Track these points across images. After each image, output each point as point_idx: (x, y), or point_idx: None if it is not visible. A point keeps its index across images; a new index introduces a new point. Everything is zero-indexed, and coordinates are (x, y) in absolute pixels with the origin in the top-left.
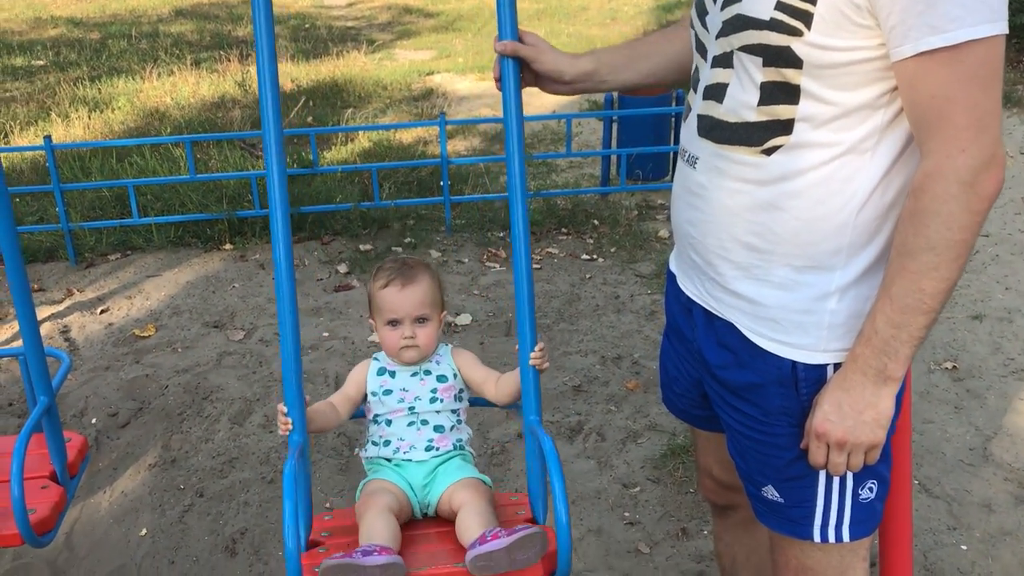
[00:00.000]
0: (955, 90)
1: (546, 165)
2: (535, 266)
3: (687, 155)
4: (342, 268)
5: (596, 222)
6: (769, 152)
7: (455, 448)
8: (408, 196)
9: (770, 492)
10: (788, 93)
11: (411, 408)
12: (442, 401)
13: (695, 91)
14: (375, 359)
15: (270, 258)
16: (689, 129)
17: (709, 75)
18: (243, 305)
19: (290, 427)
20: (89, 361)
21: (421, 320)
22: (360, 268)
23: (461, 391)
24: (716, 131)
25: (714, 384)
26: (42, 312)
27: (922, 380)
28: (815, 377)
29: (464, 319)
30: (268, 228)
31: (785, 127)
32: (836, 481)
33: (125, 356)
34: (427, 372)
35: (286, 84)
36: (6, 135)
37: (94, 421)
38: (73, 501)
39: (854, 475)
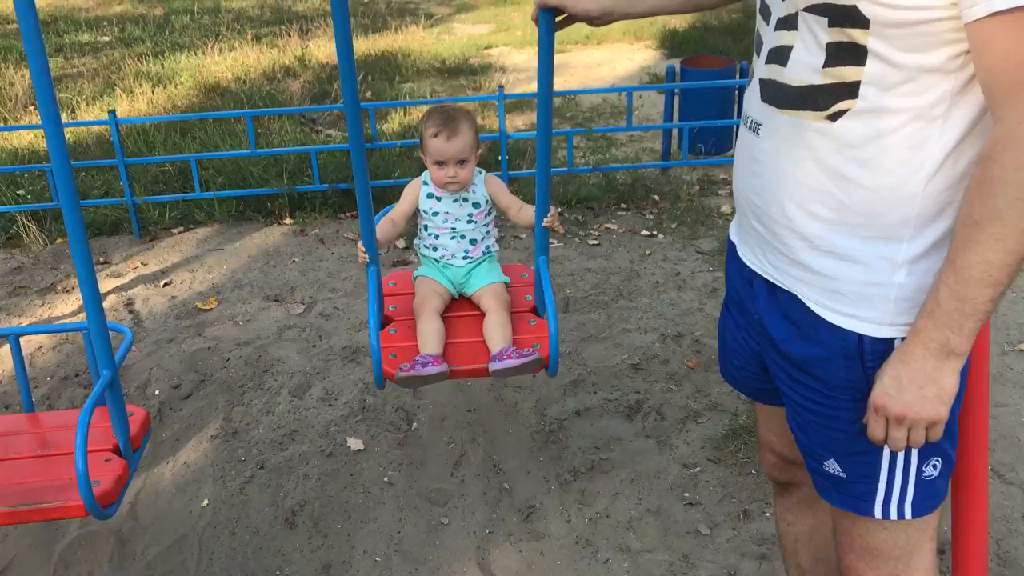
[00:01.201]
0: None
1: (606, 139)
2: (593, 242)
3: (750, 121)
4: (400, 243)
5: (656, 197)
6: (835, 117)
7: (484, 254)
8: None
9: (832, 467)
10: (854, 54)
11: (453, 227)
12: (476, 222)
13: (758, 55)
14: (424, 182)
15: (329, 232)
16: (752, 95)
17: (773, 38)
18: (303, 279)
19: (368, 259)
20: (152, 334)
21: (462, 162)
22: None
23: (491, 211)
24: (780, 95)
25: (776, 357)
26: (107, 285)
27: (995, 362)
28: (881, 351)
29: None
30: (327, 203)
31: (851, 90)
32: (900, 457)
33: (188, 329)
34: (465, 199)
35: None
36: (73, 110)
37: (157, 393)
38: (137, 471)
39: (918, 451)
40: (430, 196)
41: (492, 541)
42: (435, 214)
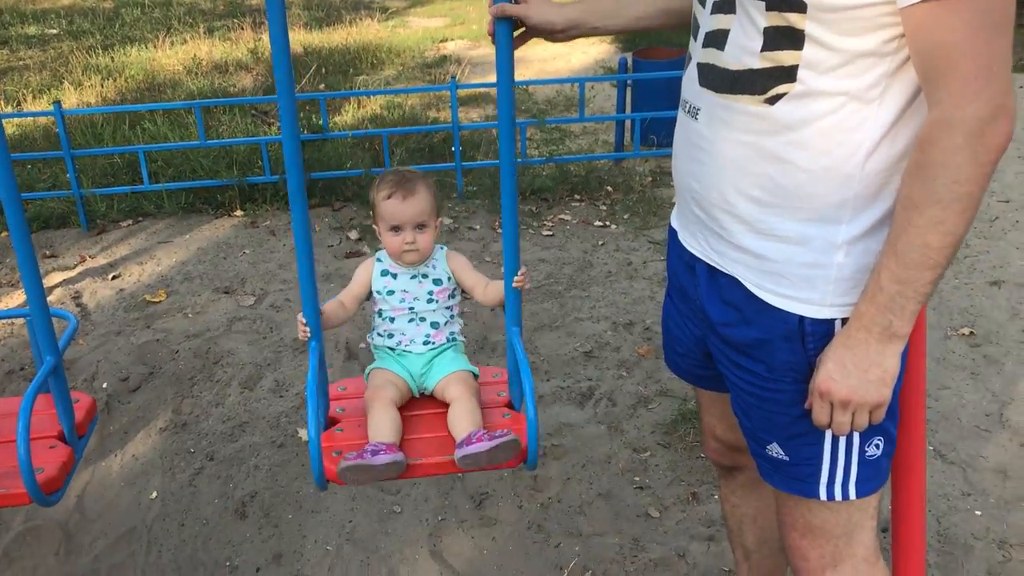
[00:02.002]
0: (963, 37)
1: (559, 131)
2: (547, 233)
3: (688, 106)
4: (353, 235)
5: (610, 188)
6: (773, 101)
7: (448, 340)
8: (419, 162)
9: (775, 450)
10: (792, 38)
11: (411, 308)
12: (437, 301)
13: (695, 39)
14: (378, 259)
15: (280, 224)
16: (690, 79)
17: (710, 22)
18: (253, 271)
19: (309, 334)
20: (100, 326)
21: (420, 227)
22: (371, 235)
23: (454, 290)
24: (718, 80)
25: (717, 342)
26: (54, 278)
27: (939, 346)
28: (822, 332)
29: None
30: (278, 195)
31: (789, 74)
32: (842, 438)
33: (136, 321)
34: (424, 275)
35: (298, 51)
36: (19, 103)
37: (105, 385)
38: (84, 464)
39: (860, 432)
40: (384, 273)
41: (444, 528)
42: (390, 293)
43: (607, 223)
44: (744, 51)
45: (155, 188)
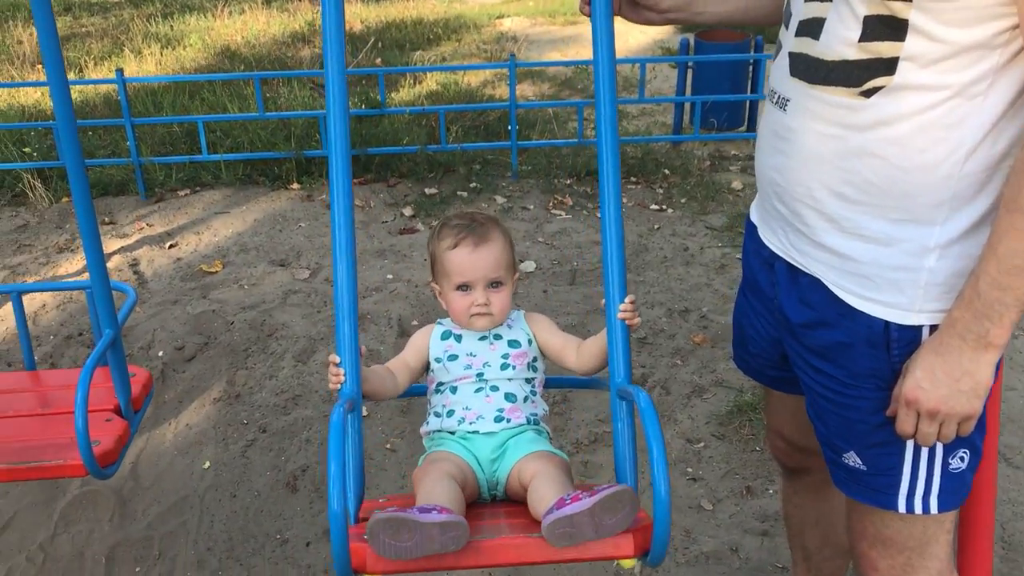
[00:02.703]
0: None
1: (618, 112)
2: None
3: (776, 96)
4: (407, 211)
5: (667, 171)
6: (868, 94)
7: (528, 423)
8: (475, 140)
9: (852, 459)
10: (894, 28)
11: (479, 374)
12: (514, 368)
13: (787, 27)
14: (439, 323)
15: None
16: (780, 69)
17: (804, 9)
18: (309, 245)
19: (342, 379)
20: (157, 295)
21: (495, 284)
22: (425, 212)
23: (535, 359)
24: (810, 70)
25: (795, 344)
26: (112, 245)
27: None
28: (909, 338)
29: (528, 266)
30: None
31: (888, 66)
32: (925, 450)
33: (192, 291)
34: (497, 336)
35: (355, 25)
36: (80, 69)
37: (161, 354)
38: (139, 433)
39: (945, 444)
40: (446, 336)
41: None
42: (452, 358)
43: (663, 207)
44: (840, 41)
45: (213, 158)
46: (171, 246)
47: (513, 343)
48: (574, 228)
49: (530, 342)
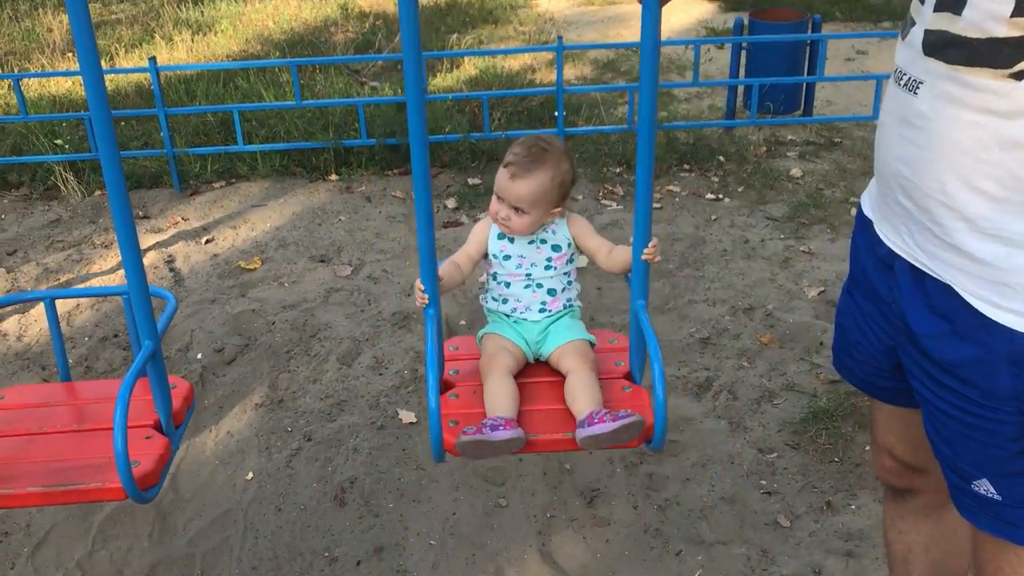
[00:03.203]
0: None
1: (667, 95)
2: (655, 205)
3: (906, 78)
4: (450, 203)
5: (721, 158)
6: (1020, 76)
7: (565, 307)
8: (518, 127)
9: (984, 487)
10: None
11: (528, 274)
12: (555, 268)
13: (922, 2)
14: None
15: (376, 190)
16: (911, 47)
17: None
18: (350, 239)
19: (427, 301)
20: (194, 293)
21: (518, 210)
22: (469, 203)
23: (572, 255)
24: (951, 49)
25: (916, 355)
26: (146, 240)
27: None
28: None
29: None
30: (374, 159)
31: None
32: None
33: (231, 289)
34: (543, 241)
35: (388, 6)
36: (111, 57)
37: (199, 356)
38: (182, 437)
39: None
40: (501, 236)
41: (554, 526)
42: (507, 258)
43: (719, 196)
44: (988, 16)
45: (249, 149)
46: (207, 241)
47: (556, 247)
48: (626, 220)
49: (570, 244)
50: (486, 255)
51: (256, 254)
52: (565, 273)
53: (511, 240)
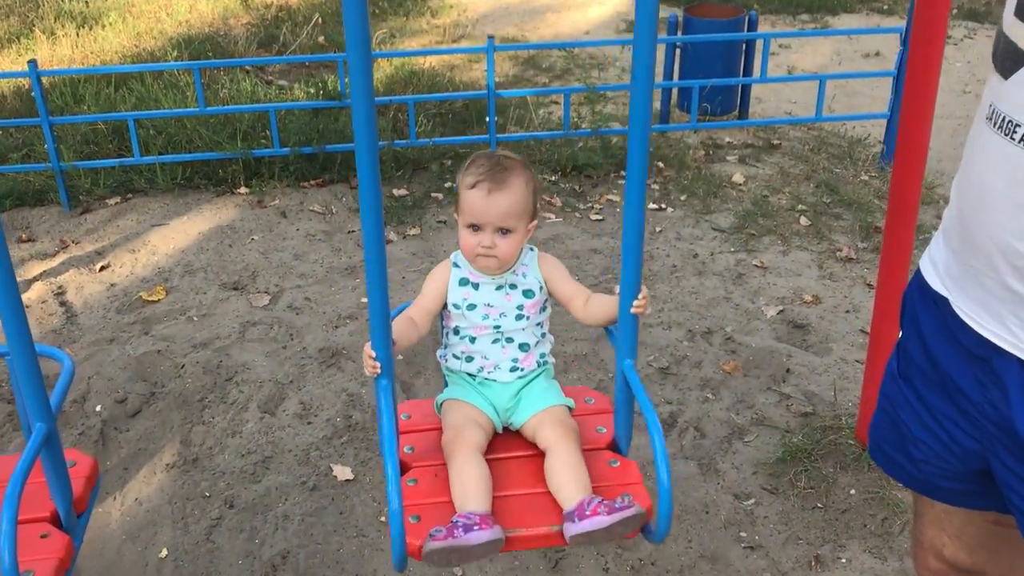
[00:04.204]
0: None
1: (599, 97)
2: (596, 216)
3: (1009, 123)
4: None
5: (660, 164)
6: None
7: (539, 365)
8: (443, 132)
9: None
10: None
11: (496, 326)
12: (528, 318)
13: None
14: (455, 264)
15: (292, 204)
16: (1020, 85)
17: None
18: (265, 262)
19: (379, 370)
20: (90, 331)
21: (504, 232)
22: (397, 218)
23: (546, 302)
24: None
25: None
26: (32, 269)
27: None
28: None
29: None
30: (288, 169)
31: None
32: None
33: (132, 326)
34: (512, 286)
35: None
36: None
37: (98, 409)
38: None
39: None
40: (464, 283)
41: None
42: (471, 308)
43: (662, 206)
44: None
45: (146, 161)
46: (103, 268)
47: (527, 293)
48: (567, 234)
49: (542, 289)
50: (445, 306)
51: (159, 283)
52: (538, 324)
53: (475, 286)
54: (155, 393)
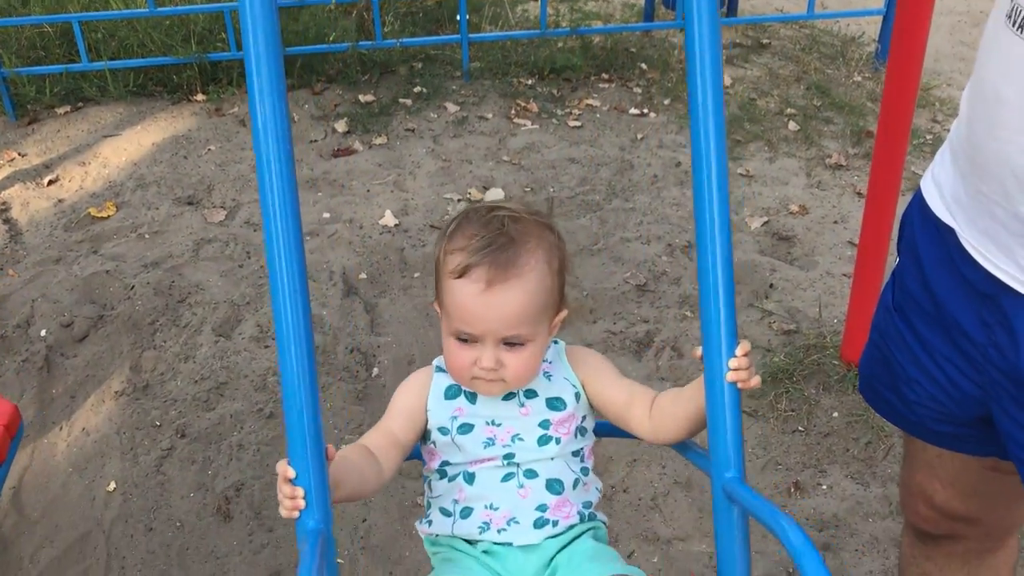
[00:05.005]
0: None
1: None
2: (574, 123)
3: None
4: (340, 126)
5: (643, 66)
6: None
7: (582, 519)
8: (413, 33)
9: None
10: None
11: (508, 456)
12: (558, 441)
13: None
14: (438, 369)
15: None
16: None
17: None
18: (222, 175)
19: (302, 505)
20: (35, 251)
21: (513, 344)
22: (363, 126)
23: (585, 418)
24: None
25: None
26: None
27: None
28: None
29: (494, 193)
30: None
31: None
32: None
33: (80, 244)
34: (531, 393)
35: None
36: None
37: (43, 334)
38: (21, 443)
39: None
40: (454, 393)
41: None
42: (466, 430)
43: (644, 110)
44: None
45: (96, 67)
46: (50, 182)
47: (555, 403)
48: (543, 142)
49: (578, 396)
50: (425, 437)
51: (109, 198)
52: (575, 452)
53: (470, 397)
54: (103, 316)
